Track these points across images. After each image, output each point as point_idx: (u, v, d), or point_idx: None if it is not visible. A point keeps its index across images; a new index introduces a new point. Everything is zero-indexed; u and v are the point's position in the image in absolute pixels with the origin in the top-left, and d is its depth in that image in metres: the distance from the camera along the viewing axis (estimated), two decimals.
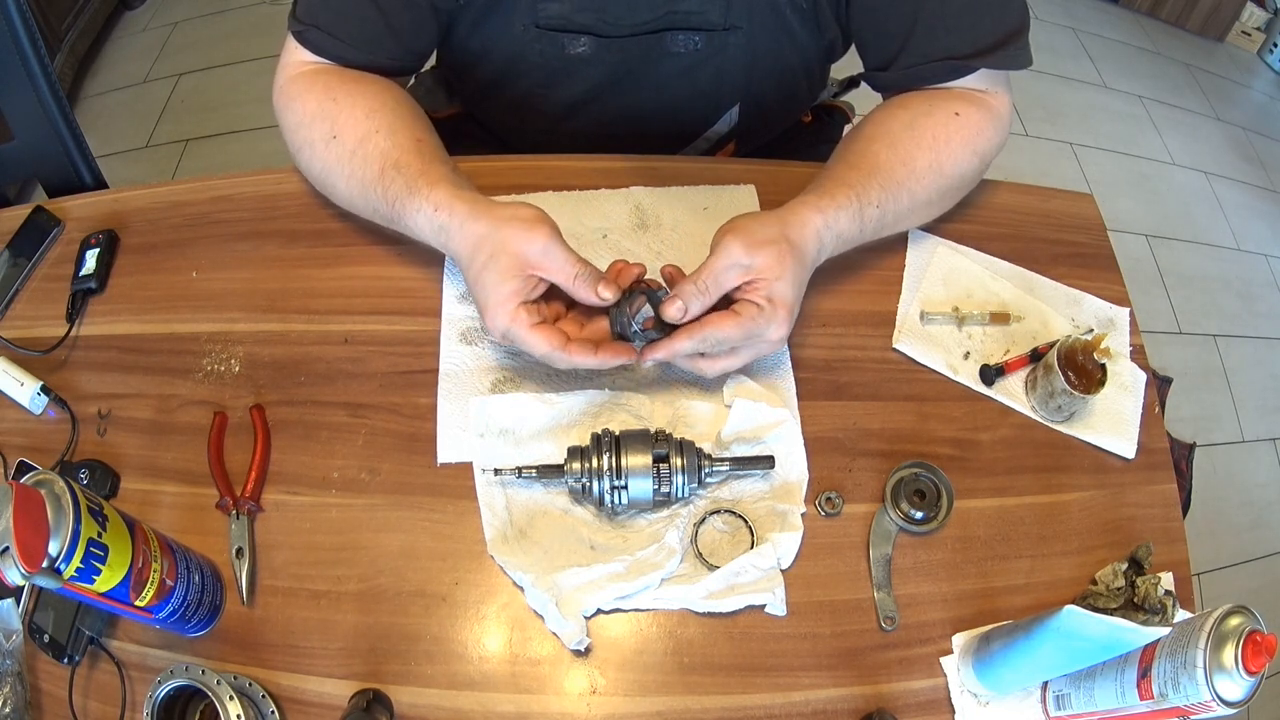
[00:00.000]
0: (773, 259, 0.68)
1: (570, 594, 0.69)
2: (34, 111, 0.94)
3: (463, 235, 0.70)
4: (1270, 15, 2.77)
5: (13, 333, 0.82)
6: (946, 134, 0.80)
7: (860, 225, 0.75)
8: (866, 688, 0.69)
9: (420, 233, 0.74)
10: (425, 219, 0.72)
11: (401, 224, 0.75)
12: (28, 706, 0.66)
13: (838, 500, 0.75)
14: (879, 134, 0.80)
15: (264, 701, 0.65)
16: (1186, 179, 2.45)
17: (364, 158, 0.76)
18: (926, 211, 0.84)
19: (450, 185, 0.72)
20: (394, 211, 0.74)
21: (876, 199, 0.76)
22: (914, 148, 0.79)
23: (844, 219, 0.74)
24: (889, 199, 0.77)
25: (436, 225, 0.71)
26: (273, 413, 0.78)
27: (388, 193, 0.74)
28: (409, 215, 0.73)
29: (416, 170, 0.74)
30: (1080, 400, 0.77)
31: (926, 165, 0.79)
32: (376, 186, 0.75)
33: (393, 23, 0.81)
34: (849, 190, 0.75)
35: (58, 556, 0.52)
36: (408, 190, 0.73)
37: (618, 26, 0.85)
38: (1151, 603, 0.68)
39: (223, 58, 2.37)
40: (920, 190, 0.79)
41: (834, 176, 0.77)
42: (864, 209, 0.75)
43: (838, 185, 0.75)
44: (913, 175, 0.78)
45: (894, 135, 0.80)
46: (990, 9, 0.79)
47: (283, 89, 0.82)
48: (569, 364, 0.69)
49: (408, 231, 0.76)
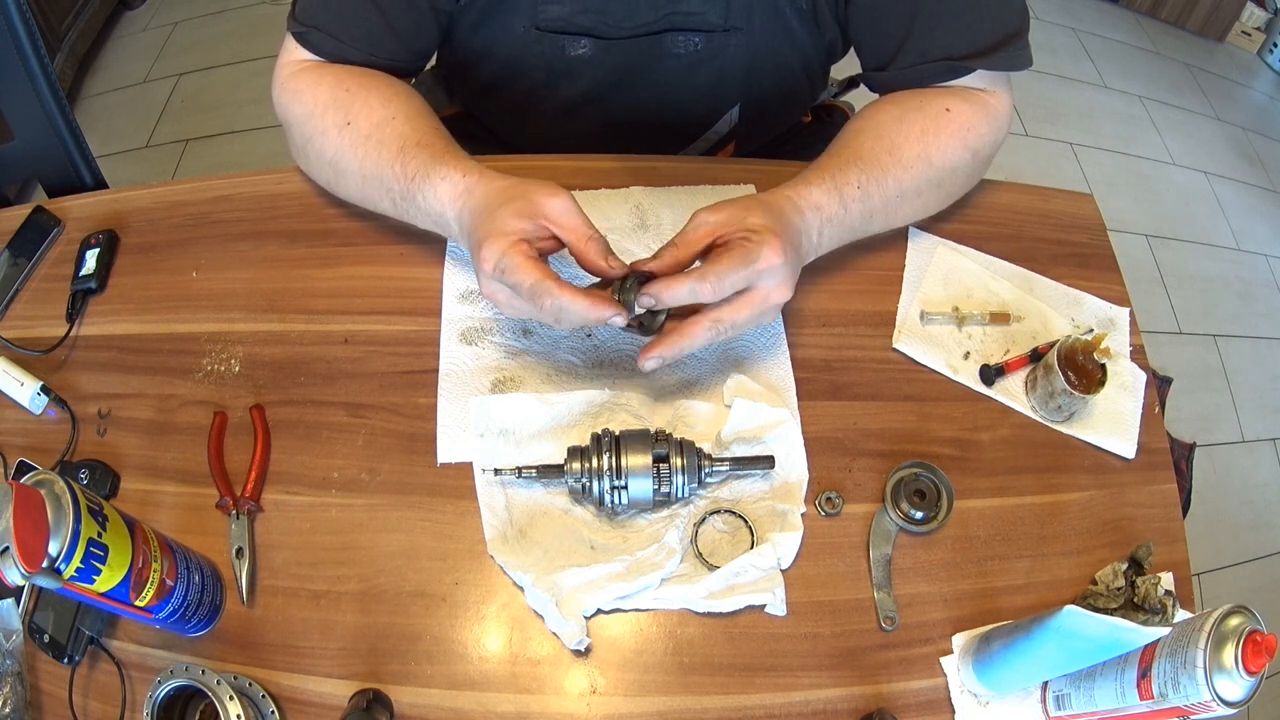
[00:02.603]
0: (738, 207, 0.70)
1: (570, 594, 0.69)
2: (34, 111, 0.94)
3: (485, 188, 0.71)
4: (1270, 15, 2.77)
5: (13, 333, 0.82)
6: (936, 127, 0.80)
7: (841, 201, 0.76)
8: (866, 688, 0.69)
9: (436, 203, 0.73)
10: (449, 185, 0.72)
11: (414, 199, 0.75)
12: (28, 706, 0.66)
13: (838, 500, 0.75)
14: (866, 127, 0.81)
15: (264, 701, 0.65)
16: (1186, 179, 2.45)
17: (380, 140, 0.76)
18: (918, 203, 0.83)
19: (477, 162, 0.74)
20: (410, 186, 0.74)
21: (856, 180, 0.76)
22: (900, 139, 0.79)
23: (817, 192, 0.75)
24: (871, 182, 0.77)
25: (462, 188, 0.72)
26: (273, 413, 0.78)
27: (407, 168, 0.74)
28: (430, 185, 0.73)
29: (442, 148, 0.75)
30: (1080, 400, 0.77)
31: (915, 155, 0.79)
32: (395, 164, 0.75)
33: (393, 23, 0.81)
34: (820, 171, 0.77)
35: (58, 556, 0.52)
36: (433, 161, 0.73)
37: (618, 28, 0.85)
38: (1151, 603, 0.68)
39: (223, 58, 2.37)
40: (908, 179, 0.79)
41: (812, 164, 0.78)
42: (842, 188, 0.76)
43: (812, 169, 0.77)
44: (899, 164, 0.79)
45: (881, 127, 0.80)
46: (989, 10, 0.79)
47: (285, 85, 0.82)
48: (556, 305, 0.65)
49: (417, 209, 0.75)
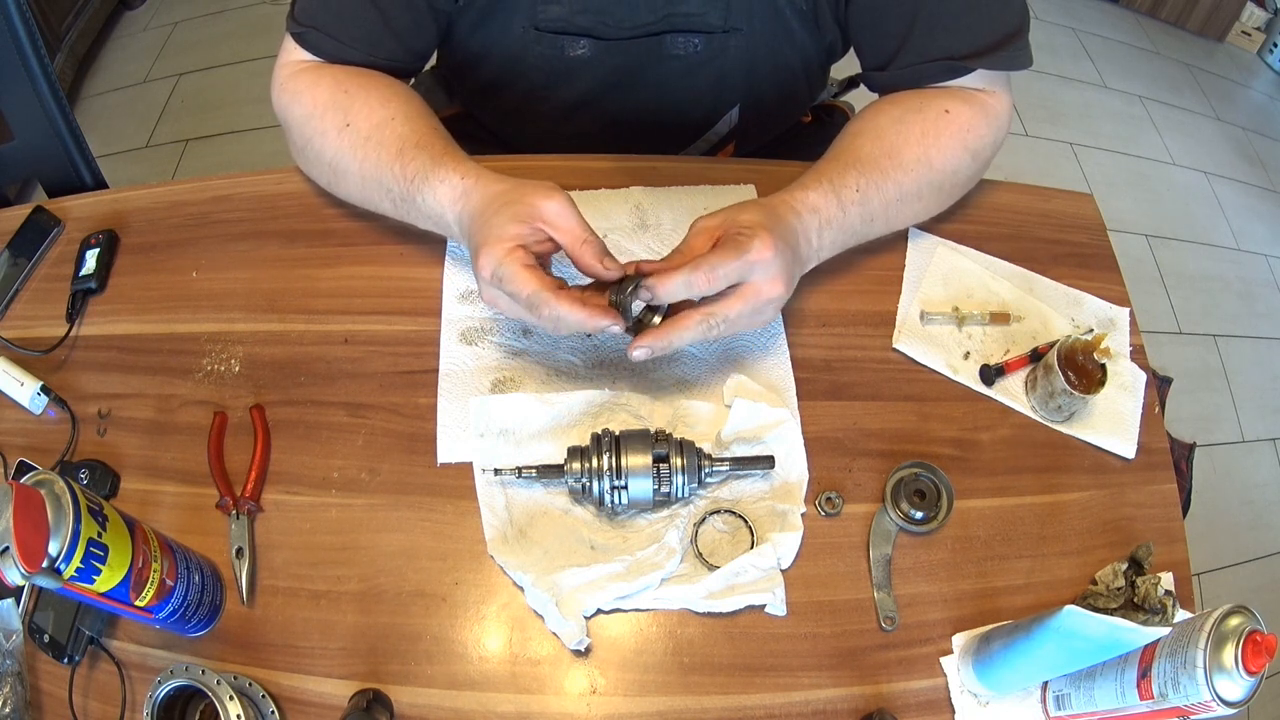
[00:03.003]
0: (733, 209, 0.71)
1: (570, 594, 0.69)
2: (34, 111, 0.94)
3: (482, 191, 0.71)
4: (1270, 15, 2.77)
5: (13, 333, 0.82)
6: (936, 129, 0.80)
7: (839, 204, 0.76)
8: (866, 688, 0.69)
9: (436, 204, 0.73)
10: (448, 187, 0.72)
11: (414, 201, 0.75)
12: (28, 706, 0.66)
13: (838, 500, 0.75)
14: (865, 129, 0.81)
15: (264, 701, 0.65)
16: (1186, 179, 2.45)
17: (380, 142, 0.76)
18: (919, 205, 0.83)
19: (476, 164, 0.74)
20: (410, 187, 0.74)
21: (854, 183, 0.76)
22: (900, 142, 0.79)
23: (814, 195, 0.75)
24: (871, 186, 0.77)
25: (460, 191, 0.72)
26: (273, 413, 0.78)
27: (406, 169, 0.74)
28: (429, 187, 0.73)
29: (441, 149, 0.75)
30: (1080, 400, 0.77)
31: (914, 158, 0.79)
32: (395, 165, 0.75)
33: (392, 24, 0.81)
34: (818, 175, 0.77)
35: (58, 556, 0.52)
36: (432, 163, 0.73)
37: (617, 29, 0.85)
38: (1151, 603, 0.68)
39: (223, 58, 2.37)
40: (909, 182, 0.79)
41: (810, 169, 0.78)
42: (840, 190, 0.76)
43: (810, 174, 0.77)
44: (899, 167, 0.78)
45: (880, 130, 0.80)
46: (989, 9, 0.79)
47: (284, 86, 0.82)
48: (553, 314, 0.65)
49: (417, 210, 0.75)
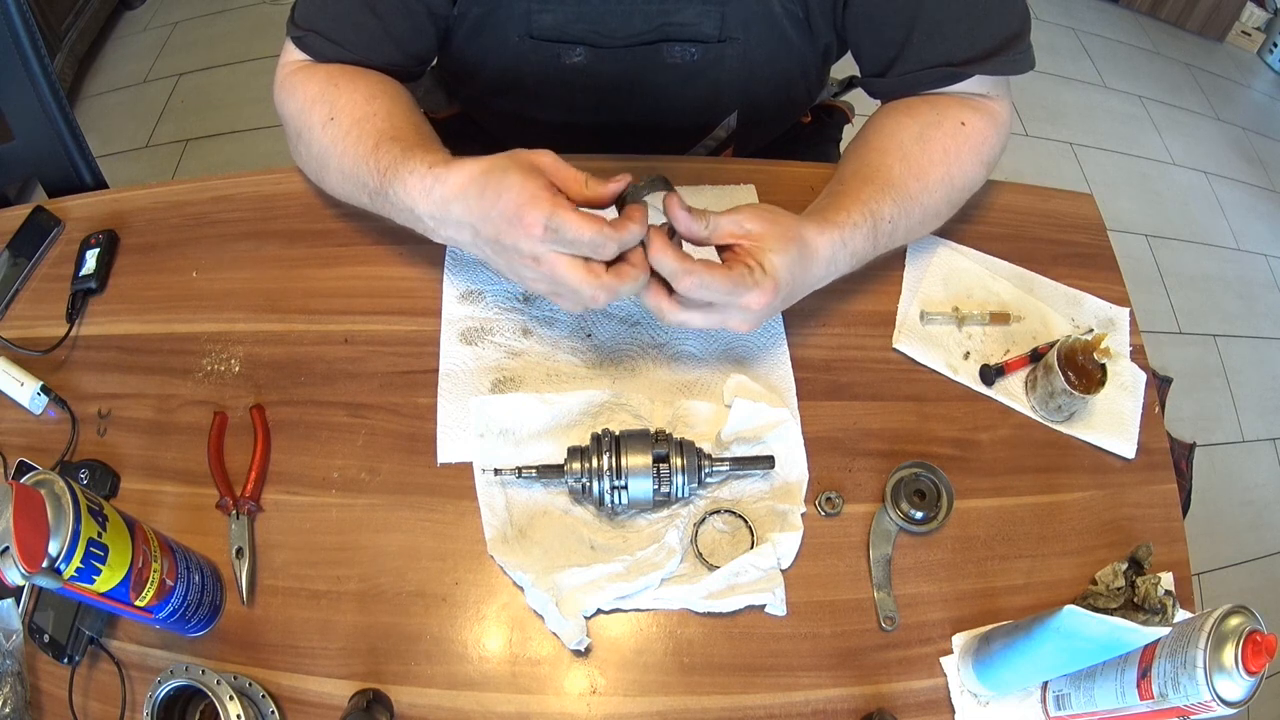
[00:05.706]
0: (777, 236, 0.67)
1: (570, 594, 0.69)
2: (34, 111, 0.94)
3: (459, 174, 0.66)
4: (1270, 15, 2.77)
5: (13, 333, 0.82)
6: (956, 146, 0.80)
7: (874, 242, 0.76)
8: (866, 688, 0.69)
9: (406, 197, 0.70)
10: (416, 179, 0.69)
11: (386, 195, 0.72)
12: (28, 706, 0.66)
13: (838, 500, 0.75)
14: (891, 146, 0.80)
15: (264, 701, 0.65)
16: (1186, 179, 2.45)
17: (359, 136, 0.75)
18: (935, 223, 0.83)
19: (447, 153, 0.71)
20: (382, 181, 0.72)
21: (889, 214, 0.75)
22: (926, 163, 0.78)
23: (859, 237, 0.74)
24: (901, 214, 0.76)
25: (430, 180, 0.68)
26: (273, 413, 0.78)
27: (380, 162, 0.72)
28: (399, 180, 0.70)
29: (414, 142, 0.73)
30: (1080, 400, 0.77)
31: (939, 179, 0.79)
32: (370, 159, 0.73)
33: (390, 29, 0.81)
34: (863, 208, 0.74)
35: (58, 556, 0.52)
36: (403, 156, 0.70)
37: (612, 38, 0.85)
38: (1151, 603, 0.68)
39: (223, 58, 2.37)
40: (931, 203, 0.79)
41: (849, 191, 0.76)
42: (878, 224, 0.75)
43: (854, 201, 0.75)
44: (925, 190, 0.78)
45: (905, 148, 0.79)
46: (989, 14, 0.79)
47: (282, 83, 0.83)
48: (622, 240, 0.63)
49: (390, 205, 0.73)
